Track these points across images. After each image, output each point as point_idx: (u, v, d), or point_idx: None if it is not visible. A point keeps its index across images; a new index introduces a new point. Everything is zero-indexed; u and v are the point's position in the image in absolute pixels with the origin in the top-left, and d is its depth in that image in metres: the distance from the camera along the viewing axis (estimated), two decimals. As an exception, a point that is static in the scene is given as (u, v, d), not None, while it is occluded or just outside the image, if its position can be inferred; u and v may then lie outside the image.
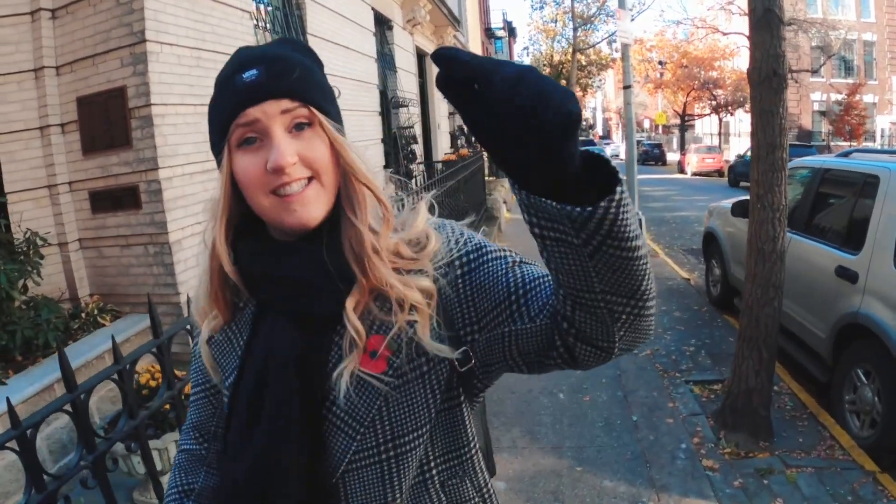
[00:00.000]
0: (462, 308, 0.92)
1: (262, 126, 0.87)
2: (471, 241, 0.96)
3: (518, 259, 0.94)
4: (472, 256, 0.93)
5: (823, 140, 30.68)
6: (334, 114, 0.94)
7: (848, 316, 4.09)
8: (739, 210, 5.82)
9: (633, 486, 3.60)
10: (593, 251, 0.68)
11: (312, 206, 0.90)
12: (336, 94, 0.97)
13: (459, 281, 0.92)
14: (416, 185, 5.53)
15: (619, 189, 0.64)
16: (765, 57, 3.64)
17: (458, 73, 0.64)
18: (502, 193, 14.67)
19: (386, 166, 10.92)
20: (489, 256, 0.93)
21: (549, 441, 4.13)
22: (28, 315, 4.03)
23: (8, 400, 1.40)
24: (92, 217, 4.82)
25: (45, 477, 1.44)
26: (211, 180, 5.01)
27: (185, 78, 4.89)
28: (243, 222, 0.96)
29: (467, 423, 1.00)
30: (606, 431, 4.24)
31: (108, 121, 4.60)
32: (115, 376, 1.71)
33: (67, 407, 1.51)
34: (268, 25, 6.86)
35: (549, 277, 0.87)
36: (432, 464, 0.98)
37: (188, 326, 1.79)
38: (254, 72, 0.88)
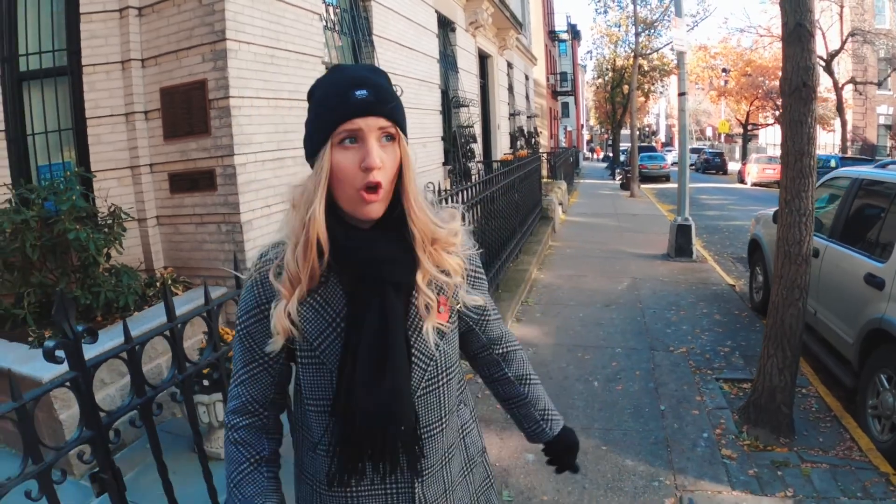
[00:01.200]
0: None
1: (362, 134, 1.15)
2: (475, 260, 1.43)
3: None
4: (477, 273, 1.44)
5: (888, 155, 29.69)
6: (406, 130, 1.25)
7: (873, 321, 4.21)
8: (779, 217, 5.93)
9: (653, 466, 3.84)
10: None
11: (378, 206, 1.18)
12: (399, 92, 1.30)
13: (466, 279, 1.37)
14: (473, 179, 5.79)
15: None
16: (795, 69, 3.80)
17: None
18: (558, 195, 14.77)
19: (445, 163, 11.29)
20: (482, 280, 1.46)
21: (580, 422, 4.38)
22: (110, 280, 4.47)
23: (124, 321, 1.77)
24: (170, 196, 5.21)
25: (145, 387, 1.82)
26: (281, 167, 5.40)
27: (261, 74, 5.26)
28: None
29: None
30: (634, 418, 4.48)
31: (189, 110, 4.99)
32: (205, 314, 2.10)
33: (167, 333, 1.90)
34: (336, 27, 7.23)
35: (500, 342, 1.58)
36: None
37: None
38: (365, 92, 1.15)
